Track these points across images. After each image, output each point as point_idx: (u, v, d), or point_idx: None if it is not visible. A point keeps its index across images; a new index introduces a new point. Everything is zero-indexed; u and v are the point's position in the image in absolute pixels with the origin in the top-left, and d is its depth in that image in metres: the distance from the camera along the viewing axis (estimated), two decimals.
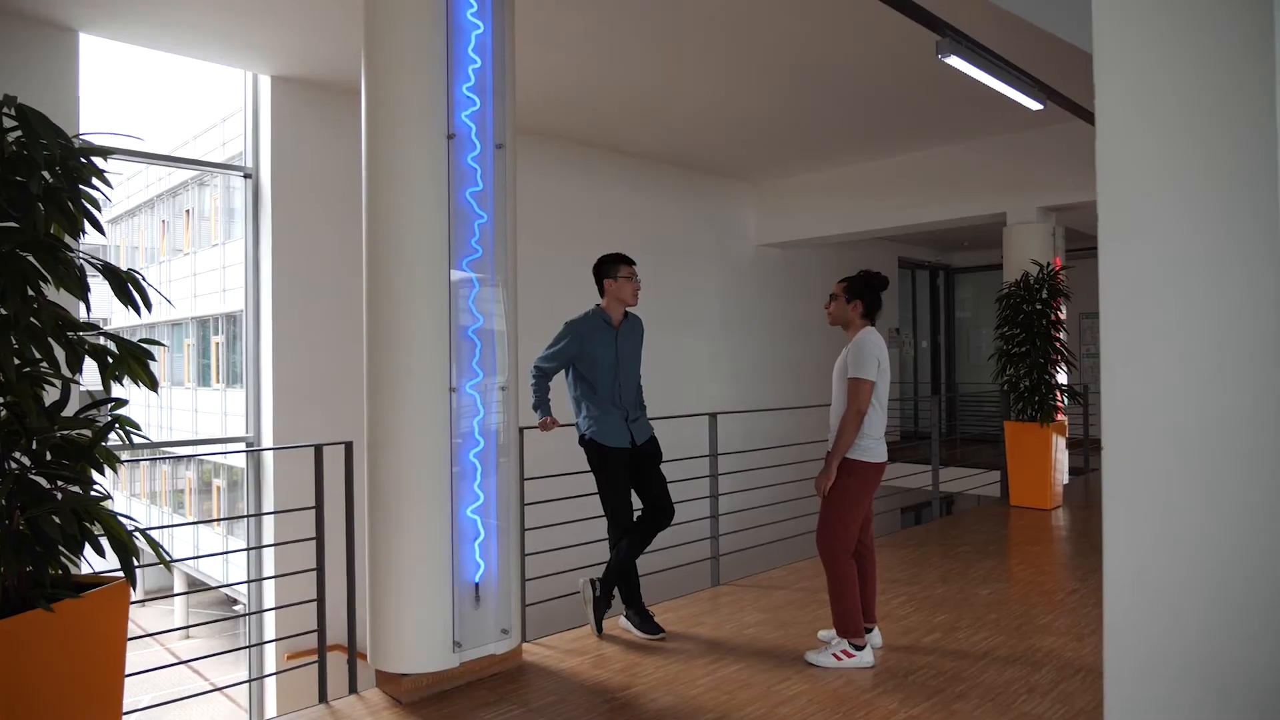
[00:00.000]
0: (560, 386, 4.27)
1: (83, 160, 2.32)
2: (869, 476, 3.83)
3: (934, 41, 4.66)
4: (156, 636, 9.93)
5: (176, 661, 3.80)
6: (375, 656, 3.48)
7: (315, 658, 3.62)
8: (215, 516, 11.57)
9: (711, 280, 10.06)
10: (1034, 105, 5.60)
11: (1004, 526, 6.91)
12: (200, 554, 11.07)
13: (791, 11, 5.42)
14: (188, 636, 11.64)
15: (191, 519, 12.58)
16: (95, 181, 2.36)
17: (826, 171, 9.84)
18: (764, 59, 6.28)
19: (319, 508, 3.48)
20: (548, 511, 4.56)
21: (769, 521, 5.93)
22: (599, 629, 4.21)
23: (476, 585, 3.56)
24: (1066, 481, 8.18)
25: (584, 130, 8.09)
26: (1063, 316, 7.73)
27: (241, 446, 6.62)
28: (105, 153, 2.40)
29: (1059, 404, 7.59)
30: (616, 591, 4.28)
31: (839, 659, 3.77)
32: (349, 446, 3.60)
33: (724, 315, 10.14)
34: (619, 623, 4.31)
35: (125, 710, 2.40)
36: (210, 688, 3.54)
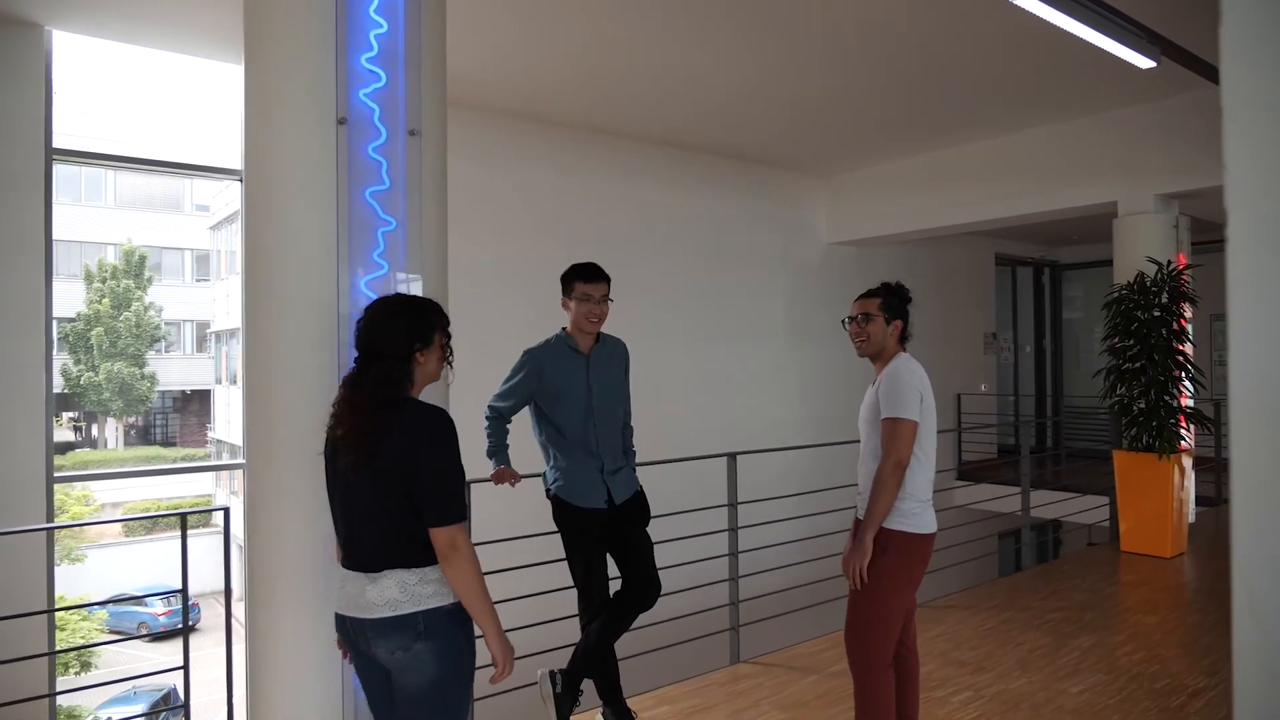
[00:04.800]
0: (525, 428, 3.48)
1: None
2: (914, 553, 2.88)
3: None
4: None
5: None
6: None
7: None
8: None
9: (776, 284, 9.07)
10: (1144, 63, 4.44)
11: (1111, 582, 5.72)
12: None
13: None
14: None
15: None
16: None
17: (906, 160, 8.71)
18: (828, 33, 5.35)
19: (184, 591, 2.78)
20: (508, 583, 3.76)
21: (804, 582, 4.98)
22: None
23: None
24: (1193, 519, 6.87)
25: (626, 123, 7.25)
26: (1187, 324, 6.44)
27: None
28: None
29: (1183, 430, 6.31)
30: (592, 683, 3.47)
31: None
32: (226, 513, 2.90)
33: (790, 324, 9.13)
34: None
35: None
36: None
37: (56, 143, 5.13)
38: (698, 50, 5.63)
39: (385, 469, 2.06)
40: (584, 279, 3.29)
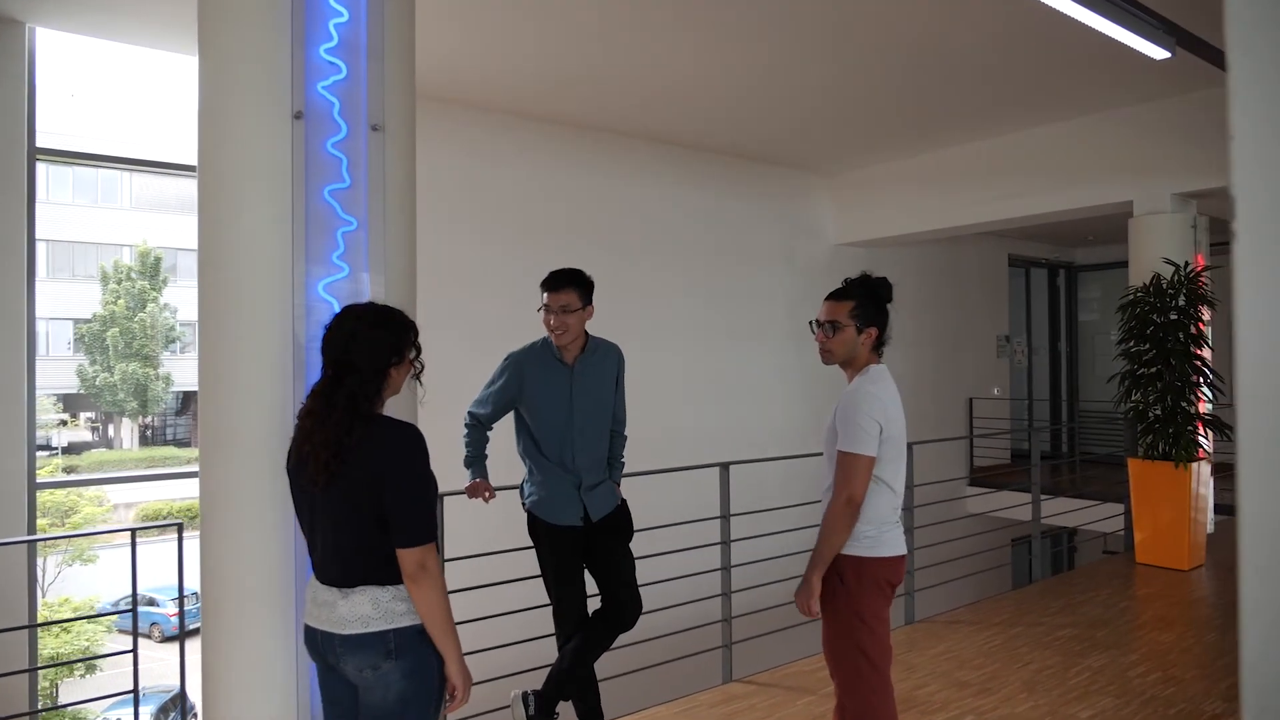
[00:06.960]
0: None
1: None
2: (875, 575, 2.59)
3: None
4: None
5: None
6: None
7: None
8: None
9: (780, 286, 8.88)
10: (1159, 53, 4.23)
11: (1125, 596, 5.50)
12: None
13: None
14: None
15: None
16: None
17: (915, 158, 8.50)
18: (834, 26, 5.16)
19: (134, 610, 2.64)
20: (483, 599, 3.61)
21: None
22: None
23: None
24: (1212, 530, 6.62)
25: (623, 120, 7.09)
26: (1206, 328, 6.21)
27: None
28: None
29: (1200, 437, 6.07)
30: (570, 705, 3.31)
31: None
32: (180, 527, 2.76)
33: (795, 326, 8.90)
34: None
35: None
36: None
37: (73, 145, 5.04)
38: (700, 45, 5.47)
39: (356, 486, 2.01)
40: (545, 286, 3.16)
